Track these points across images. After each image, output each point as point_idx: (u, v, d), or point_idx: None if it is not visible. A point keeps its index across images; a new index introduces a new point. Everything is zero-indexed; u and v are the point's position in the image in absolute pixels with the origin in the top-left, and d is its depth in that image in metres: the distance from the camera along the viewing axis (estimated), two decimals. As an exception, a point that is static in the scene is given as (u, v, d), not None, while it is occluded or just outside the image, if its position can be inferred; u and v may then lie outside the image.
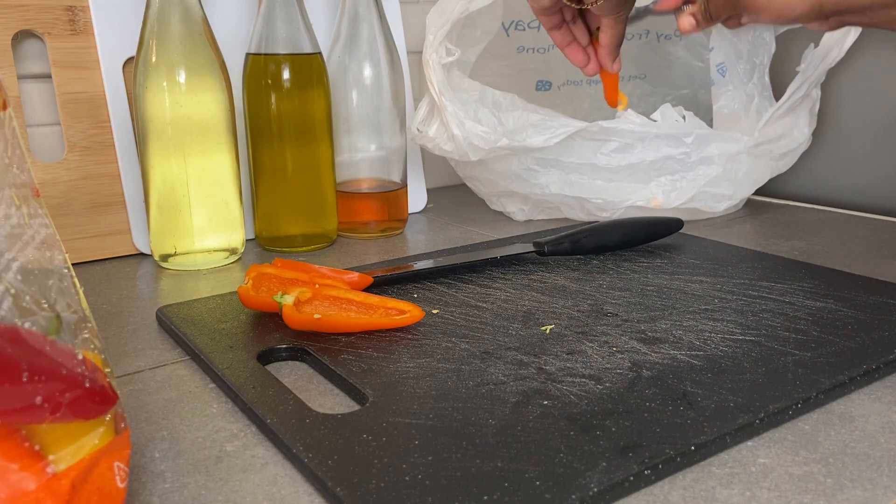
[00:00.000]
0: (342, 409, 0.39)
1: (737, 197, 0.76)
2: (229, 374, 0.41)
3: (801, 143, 0.76)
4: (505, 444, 0.34)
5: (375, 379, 0.40)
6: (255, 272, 0.49)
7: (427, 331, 0.47)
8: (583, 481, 0.31)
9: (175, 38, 0.60)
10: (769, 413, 0.36)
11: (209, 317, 0.49)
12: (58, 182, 0.65)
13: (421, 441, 0.34)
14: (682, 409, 0.37)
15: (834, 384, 0.39)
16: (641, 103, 0.95)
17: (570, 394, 0.38)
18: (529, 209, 0.78)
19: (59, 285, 0.29)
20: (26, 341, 0.26)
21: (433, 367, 0.42)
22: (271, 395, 0.38)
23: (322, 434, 0.35)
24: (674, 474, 0.33)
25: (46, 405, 0.25)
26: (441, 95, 0.68)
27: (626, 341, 0.45)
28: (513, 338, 0.46)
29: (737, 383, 0.39)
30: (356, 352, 0.44)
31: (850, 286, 0.53)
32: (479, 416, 0.36)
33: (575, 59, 0.69)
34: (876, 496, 0.32)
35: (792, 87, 0.74)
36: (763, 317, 0.48)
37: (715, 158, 0.73)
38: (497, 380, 0.40)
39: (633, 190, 0.73)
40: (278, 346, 0.45)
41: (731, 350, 0.43)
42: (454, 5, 0.68)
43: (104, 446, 0.28)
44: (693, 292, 0.53)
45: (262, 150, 0.67)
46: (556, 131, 0.69)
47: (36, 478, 0.25)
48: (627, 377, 0.40)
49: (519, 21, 0.86)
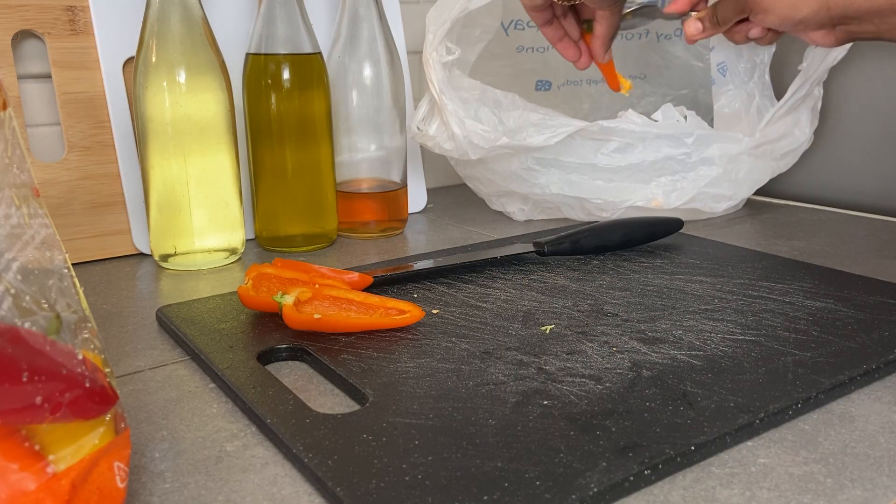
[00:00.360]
0: (342, 409, 0.39)
1: (737, 197, 0.76)
2: (229, 374, 0.41)
3: (803, 143, 0.76)
4: (505, 444, 0.34)
5: (375, 379, 0.40)
6: (256, 272, 0.49)
7: (427, 331, 0.47)
8: (583, 481, 0.31)
9: (175, 38, 0.60)
10: (769, 413, 0.36)
11: (209, 317, 0.49)
12: (58, 182, 0.65)
13: (421, 441, 0.34)
14: (682, 409, 0.37)
15: (834, 384, 0.39)
16: (641, 103, 0.95)
17: (570, 394, 0.38)
18: (529, 209, 0.78)
19: (59, 285, 0.29)
20: (26, 341, 0.26)
21: (433, 367, 0.42)
22: (271, 395, 0.38)
23: (322, 434, 0.35)
24: (674, 474, 0.33)
25: (46, 405, 0.25)
26: (441, 94, 0.68)
27: (626, 341, 0.45)
28: (513, 338, 0.46)
29: (737, 383, 0.39)
30: (356, 352, 0.44)
31: (850, 286, 0.53)
32: (479, 416, 0.36)
33: (567, 54, 0.69)
34: (876, 496, 0.32)
35: (794, 85, 0.74)
36: (763, 317, 0.48)
37: (715, 159, 0.73)
38: (497, 380, 0.40)
39: (634, 190, 0.73)
40: (278, 346, 0.45)
41: (731, 350, 0.43)
42: (454, 4, 0.68)
43: (104, 446, 0.28)
44: (693, 292, 0.53)
45: (262, 150, 0.67)
46: (557, 130, 0.69)
47: (36, 478, 0.25)
48: (627, 377, 0.40)
49: (518, 20, 0.86)
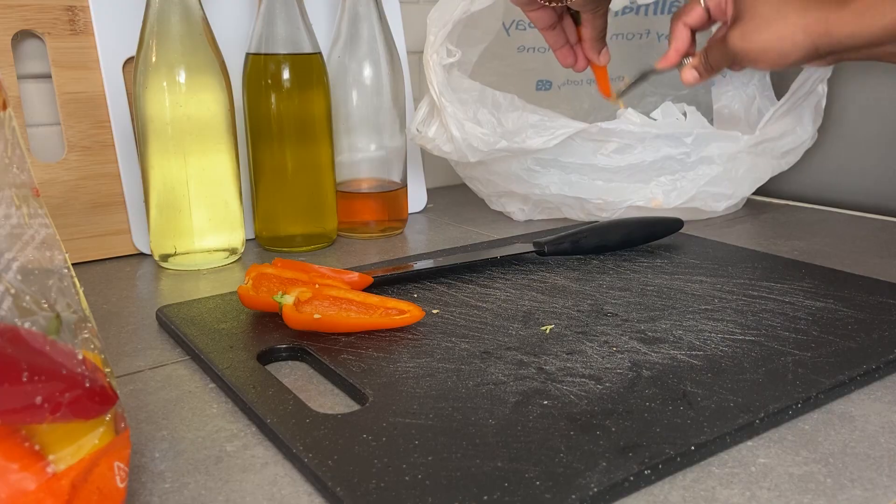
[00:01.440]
0: (342, 409, 0.39)
1: (737, 196, 0.76)
2: (229, 374, 0.41)
3: (805, 141, 0.76)
4: (505, 444, 0.34)
5: (375, 379, 0.40)
6: (256, 272, 0.49)
7: (427, 331, 0.47)
8: (583, 481, 0.31)
9: (175, 38, 0.60)
10: (769, 413, 0.36)
11: (209, 317, 0.49)
12: (58, 182, 0.65)
13: (421, 441, 0.34)
14: (682, 409, 0.37)
15: (834, 384, 0.39)
16: (642, 103, 0.95)
17: (570, 394, 0.38)
18: (529, 209, 0.78)
19: (59, 285, 0.29)
20: (26, 341, 0.26)
21: (433, 367, 0.42)
22: (271, 395, 0.38)
23: (322, 434, 0.35)
24: (674, 474, 0.33)
25: (46, 405, 0.25)
26: (441, 97, 0.68)
27: (626, 341, 0.45)
28: (513, 338, 0.46)
29: (737, 383, 0.39)
30: (356, 352, 0.44)
31: (850, 286, 0.53)
32: (479, 416, 0.36)
33: (564, 61, 0.69)
34: (876, 496, 0.32)
35: (796, 83, 0.73)
36: (763, 317, 0.48)
37: (715, 158, 0.72)
38: (497, 380, 0.40)
39: (634, 190, 0.73)
40: (278, 345, 0.45)
41: (731, 350, 0.43)
42: (455, 5, 0.68)
43: (104, 446, 0.28)
44: (693, 292, 0.53)
45: (262, 150, 0.67)
46: (555, 132, 0.69)
47: (36, 478, 0.25)
48: (627, 377, 0.40)
49: (520, 21, 0.86)
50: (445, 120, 0.68)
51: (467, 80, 0.70)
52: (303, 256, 0.67)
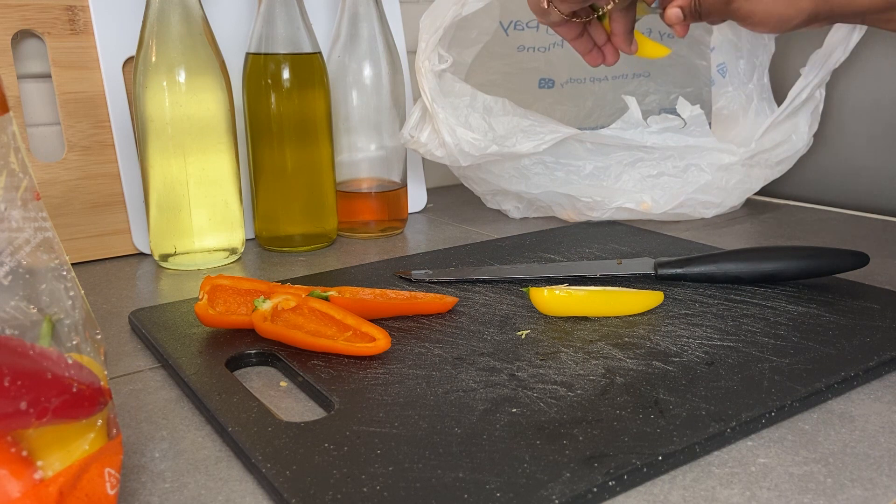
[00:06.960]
0: (309, 416, 0.38)
1: (726, 205, 0.75)
2: (195, 381, 0.40)
3: (800, 149, 0.75)
4: (468, 454, 0.33)
5: (344, 385, 0.40)
6: (210, 285, 0.47)
7: (401, 336, 0.46)
8: (544, 493, 0.30)
9: (175, 38, 0.59)
10: (741, 422, 0.36)
11: (181, 321, 0.49)
12: (58, 182, 0.64)
13: (383, 450, 0.34)
14: (652, 418, 0.36)
15: (810, 392, 0.38)
16: (645, 101, 0.94)
17: (540, 401, 0.38)
18: (524, 207, 0.78)
19: (59, 286, 0.29)
20: (8, 347, 0.25)
21: (403, 374, 0.41)
22: (236, 402, 0.38)
23: (282, 443, 0.34)
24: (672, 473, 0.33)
25: (32, 410, 0.25)
26: (433, 102, 0.67)
27: (602, 347, 0.44)
28: (487, 343, 0.45)
29: (711, 391, 0.38)
30: (327, 357, 0.43)
31: (834, 290, 0.52)
32: (446, 424, 0.36)
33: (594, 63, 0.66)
34: (876, 496, 0.32)
35: (794, 91, 0.72)
36: (743, 322, 0.47)
37: (705, 167, 0.72)
38: (467, 386, 0.39)
39: (623, 193, 0.73)
40: (248, 350, 0.44)
41: (707, 356, 0.43)
42: (447, 10, 0.67)
43: (94, 452, 0.27)
44: (674, 297, 0.52)
45: (261, 149, 0.67)
46: (545, 137, 0.69)
47: (22, 484, 0.25)
48: (600, 384, 0.39)
49: (518, 21, 0.85)
50: (437, 125, 0.68)
51: (459, 83, 0.69)
52: (303, 256, 0.67)
